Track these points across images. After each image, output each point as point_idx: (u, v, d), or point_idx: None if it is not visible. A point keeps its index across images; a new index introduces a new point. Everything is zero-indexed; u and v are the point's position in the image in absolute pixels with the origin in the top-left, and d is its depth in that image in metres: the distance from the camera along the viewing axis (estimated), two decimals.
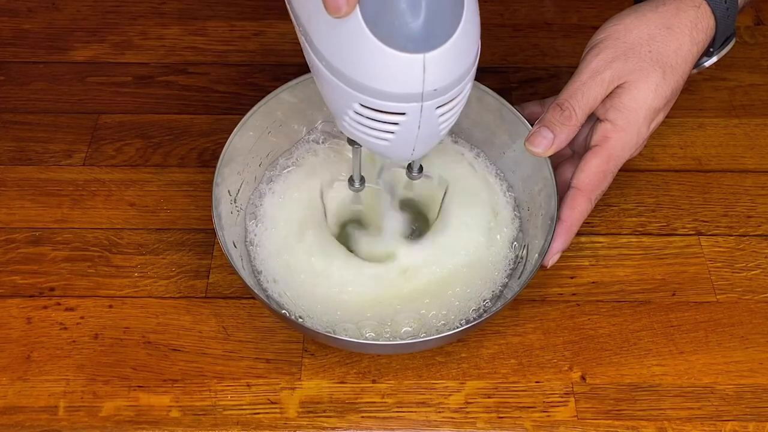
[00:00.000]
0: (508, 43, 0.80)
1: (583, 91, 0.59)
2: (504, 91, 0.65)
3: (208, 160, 0.70)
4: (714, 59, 0.64)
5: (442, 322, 0.59)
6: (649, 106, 0.59)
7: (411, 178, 0.61)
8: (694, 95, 0.76)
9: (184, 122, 0.73)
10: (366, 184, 0.61)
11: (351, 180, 0.61)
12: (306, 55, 0.49)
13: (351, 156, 0.59)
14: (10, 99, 0.75)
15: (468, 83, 0.48)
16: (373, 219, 0.65)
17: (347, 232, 0.65)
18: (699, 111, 0.75)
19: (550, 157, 0.60)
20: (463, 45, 0.44)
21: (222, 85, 0.76)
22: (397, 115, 0.46)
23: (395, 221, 0.63)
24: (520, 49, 0.80)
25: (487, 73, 0.75)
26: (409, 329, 0.59)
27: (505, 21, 0.82)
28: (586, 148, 0.61)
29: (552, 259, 0.59)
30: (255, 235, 0.63)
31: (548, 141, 0.58)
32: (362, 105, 0.46)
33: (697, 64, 0.63)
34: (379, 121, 0.47)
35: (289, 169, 0.66)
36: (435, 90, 0.45)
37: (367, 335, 0.58)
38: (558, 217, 0.59)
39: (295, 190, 0.65)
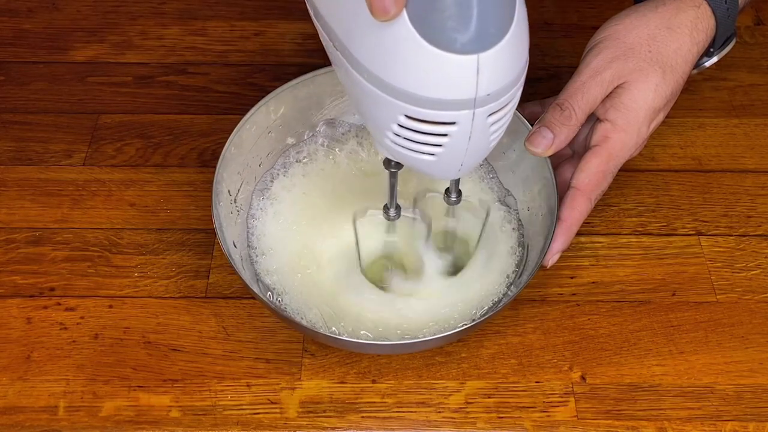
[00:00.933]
0: None
1: (583, 91, 0.59)
2: None
3: (208, 160, 0.70)
4: (714, 59, 0.64)
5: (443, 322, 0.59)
6: (649, 106, 0.59)
7: (449, 203, 0.58)
8: (694, 95, 0.76)
9: (184, 122, 0.73)
10: (402, 213, 0.58)
11: (386, 208, 0.57)
12: (341, 70, 0.46)
13: (388, 178, 0.54)
14: (10, 99, 0.75)
15: (519, 89, 0.45)
16: (407, 255, 0.62)
17: (375, 268, 0.62)
18: (699, 111, 0.75)
19: (550, 157, 0.60)
20: (516, 44, 0.42)
21: (222, 85, 0.76)
22: (446, 126, 0.43)
23: (434, 262, 0.61)
24: None
25: None
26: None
27: None
28: (586, 148, 0.61)
29: (552, 259, 0.59)
30: (257, 238, 0.63)
31: (548, 141, 0.58)
32: (408, 117, 0.43)
33: (698, 64, 0.63)
34: (426, 133, 0.44)
35: (292, 171, 0.66)
36: (488, 95, 0.42)
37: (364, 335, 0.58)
38: (558, 217, 0.59)
39: (298, 206, 0.65)
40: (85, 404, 0.57)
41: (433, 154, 0.45)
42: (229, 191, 0.62)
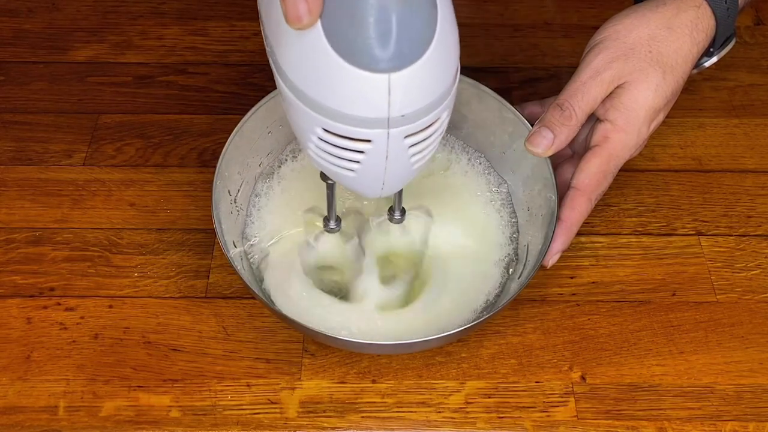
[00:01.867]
0: (508, 43, 0.80)
1: (583, 92, 0.58)
2: (504, 91, 0.65)
3: (208, 160, 0.70)
4: (714, 59, 0.64)
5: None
6: (650, 106, 0.59)
7: (391, 221, 0.59)
8: (694, 95, 0.76)
9: (184, 122, 0.73)
10: (343, 225, 0.58)
11: (326, 220, 0.58)
12: (274, 75, 0.46)
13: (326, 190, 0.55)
14: (10, 99, 0.75)
15: (444, 112, 0.44)
16: (348, 274, 0.62)
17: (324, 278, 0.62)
18: (699, 111, 0.75)
19: (549, 157, 0.60)
20: (435, 68, 0.41)
21: (222, 85, 0.76)
22: (362, 143, 0.43)
23: (372, 290, 0.60)
24: (520, 49, 0.79)
25: (487, 73, 0.75)
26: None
27: (505, 21, 0.82)
28: (586, 148, 0.61)
29: (552, 260, 0.59)
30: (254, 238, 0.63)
31: (548, 141, 0.58)
32: (325, 130, 0.43)
33: (698, 64, 0.63)
34: (343, 148, 0.44)
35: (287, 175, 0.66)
36: (403, 116, 0.42)
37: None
38: (558, 217, 0.59)
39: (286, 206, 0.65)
40: (85, 404, 0.57)
41: (352, 170, 0.45)
42: (229, 191, 0.62)
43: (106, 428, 0.56)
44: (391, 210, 0.59)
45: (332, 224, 0.58)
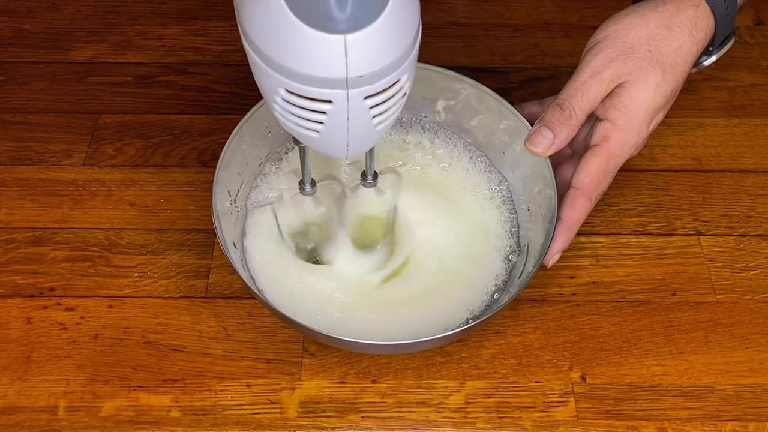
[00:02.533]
0: (508, 43, 0.80)
1: (583, 91, 0.59)
2: (504, 91, 0.65)
3: (208, 160, 0.70)
4: (713, 58, 0.64)
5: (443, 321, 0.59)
6: (650, 105, 0.59)
7: (364, 185, 0.59)
8: (694, 95, 0.76)
9: (184, 122, 0.73)
10: (319, 185, 0.59)
11: (301, 183, 0.58)
12: (241, 38, 0.46)
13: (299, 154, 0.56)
14: (10, 99, 0.75)
15: (404, 75, 0.45)
16: (322, 238, 0.63)
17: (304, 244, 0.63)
18: (699, 111, 0.75)
19: (549, 156, 0.60)
20: (391, 30, 0.42)
21: (222, 85, 0.76)
22: (323, 103, 0.44)
23: (347, 256, 0.61)
24: (520, 49, 0.79)
25: (487, 73, 0.75)
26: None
27: (505, 21, 0.82)
28: (586, 147, 0.61)
29: (552, 259, 0.59)
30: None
31: (548, 141, 0.58)
32: (288, 91, 0.44)
33: (697, 63, 0.63)
34: (306, 109, 0.45)
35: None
36: (361, 77, 0.43)
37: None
38: (558, 217, 0.59)
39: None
40: (85, 404, 0.57)
41: (316, 131, 0.46)
42: (229, 191, 0.62)
43: (106, 428, 0.56)
44: (363, 175, 0.59)
45: (307, 187, 0.58)
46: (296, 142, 0.53)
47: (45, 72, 0.77)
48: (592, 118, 0.61)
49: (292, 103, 0.45)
